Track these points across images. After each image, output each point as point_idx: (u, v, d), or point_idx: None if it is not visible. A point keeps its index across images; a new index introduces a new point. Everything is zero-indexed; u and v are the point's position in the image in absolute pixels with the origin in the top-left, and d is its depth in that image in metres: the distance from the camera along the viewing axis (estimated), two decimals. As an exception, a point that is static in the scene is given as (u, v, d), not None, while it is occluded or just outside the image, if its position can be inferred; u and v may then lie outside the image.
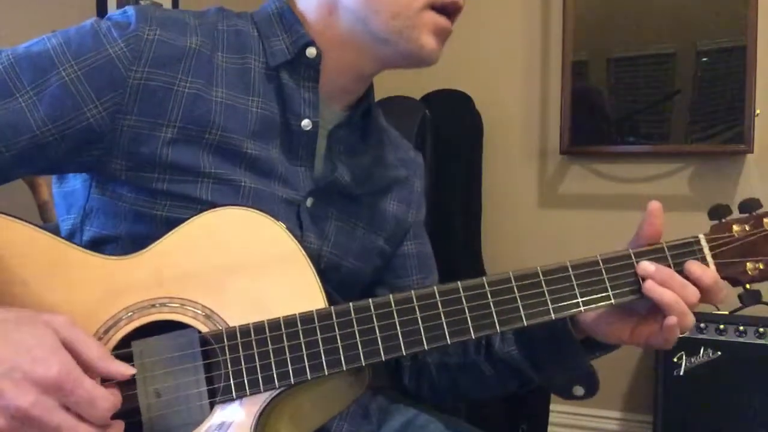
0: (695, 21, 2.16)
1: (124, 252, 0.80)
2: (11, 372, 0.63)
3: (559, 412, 2.34)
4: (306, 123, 0.86)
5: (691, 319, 0.80)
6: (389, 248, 1.00)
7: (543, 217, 2.44)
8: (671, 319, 0.79)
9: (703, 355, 1.92)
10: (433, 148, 2.24)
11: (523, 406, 2.17)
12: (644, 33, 2.22)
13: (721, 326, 1.92)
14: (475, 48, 2.47)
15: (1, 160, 0.76)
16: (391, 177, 1.00)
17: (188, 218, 0.79)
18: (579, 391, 0.90)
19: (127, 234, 0.81)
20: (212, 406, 0.75)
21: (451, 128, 2.35)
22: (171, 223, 0.79)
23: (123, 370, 0.69)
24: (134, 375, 0.71)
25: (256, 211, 0.79)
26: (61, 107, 0.76)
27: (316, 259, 0.87)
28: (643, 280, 0.81)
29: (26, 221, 0.77)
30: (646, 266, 0.81)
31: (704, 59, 2.18)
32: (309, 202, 0.88)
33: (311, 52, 0.86)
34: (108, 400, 0.66)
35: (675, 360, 1.94)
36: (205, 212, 0.78)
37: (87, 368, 0.66)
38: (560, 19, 2.30)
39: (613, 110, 2.33)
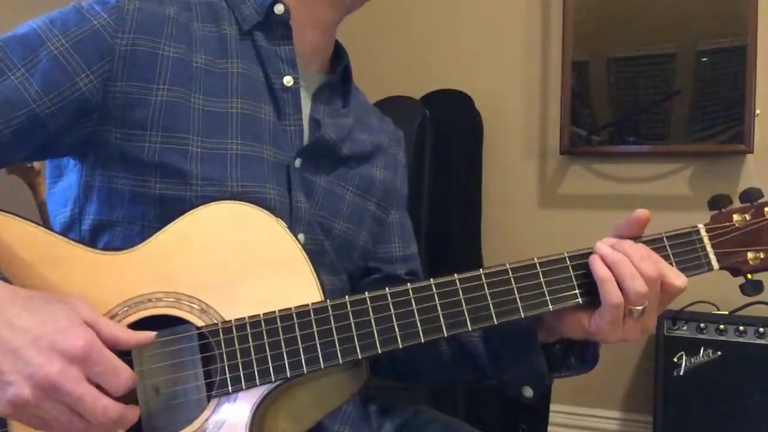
0: (695, 21, 2.16)
1: (124, 239, 0.81)
2: (38, 341, 0.64)
3: (559, 412, 2.34)
4: (288, 80, 0.89)
5: (639, 286, 0.77)
6: (381, 213, 1.02)
7: (543, 217, 2.44)
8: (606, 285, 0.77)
9: (703, 355, 1.92)
10: (433, 148, 2.24)
11: (523, 405, 2.17)
12: (644, 33, 2.22)
13: (721, 326, 1.92)
14: (475, 48, 2.47)
15: (3, 138, 0.77)
16: (374, 143, 1.03)
17: (180, 194, 0.80)
18: (528, 392, 0.88)
19: (124, 218, 0.82)
20: (209, 399, 0.76)
21: (451, 128, 2.35)
22: (164, 202, 0.81)
23: (144, 337, 0.71)
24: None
25: (253, 206, 0.80)
26: (54, 79, 0.78)
27: (307, 219, 0.89)
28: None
29: (23, 217, 0.77)
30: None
31: (704, 59, 2.18)
32: (297, 162, 0.90)
33: (279, 8, 0.89)
34: (128, 372, 0.67)
35: (675, 360, 1.94)
36: (202, 206, 0.79)
37: (110, 343, 0.68)
38: (560, 19, 2.30)
39: (613, 110, 2.32)
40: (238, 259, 0.78)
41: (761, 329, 1.89)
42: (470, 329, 0.78)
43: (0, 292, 0.66)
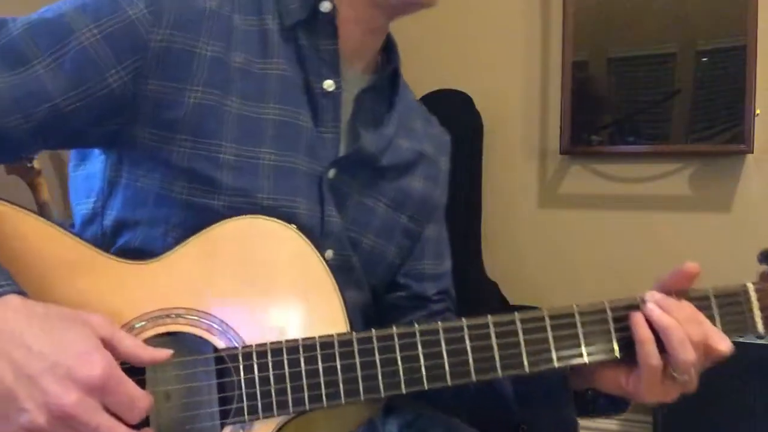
0: (695, 21, 2.16)
1: (145, 240, 0.78)
2: (55, 368, 0.62)
3: (559, 412, 2.34)
4: (329, 84, 0.84)
5: (689, 356, 0.73)
6: (414, 226, 0.97)
7: (543, 217, 2.44)
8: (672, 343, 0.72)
9: (703, 355, 1.92)
10: (433, 148, 2.24)
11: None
12: (644, 33, 2.22)
13: (721, 326, 1.91)
14: (475, 48, 2.47)
15: (20, 132, 0.73)
16: (417, 151, 0.96)
17: (207, 202, 0.76)
18: None
19: (148, 219, 0.78)
20: (223, 426, 0.72)
21: (451, 128, 2.34)
22: (190, 208, 0.77)
23: (161, 354, 0.68)
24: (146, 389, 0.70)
25: (282, 224, 0.75)
26: (82, 74, 0.73)
27: (337, 234, 0.85)
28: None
29: (45, 219, 0.75)
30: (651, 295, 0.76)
31: (704, 59, 2.18)
32: (332, 173, 0.84)
33: (326, 6, 0.83)
34: (145, 400, 0.65)
35: (675, 360, 1.94)
36: (230, 220, 0.75)
37: (127, 360, 0.66)
38: (560, 19, 2.30)
39: (613, 110, 2.33)
40: (263, 280, 0.74)
41: (762, 332, 1.89)
42: (500, 375, 0.73)
43: (17, 311, 0.64)
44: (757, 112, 2.08)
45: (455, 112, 2.40)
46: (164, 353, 0.69)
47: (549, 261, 2.39)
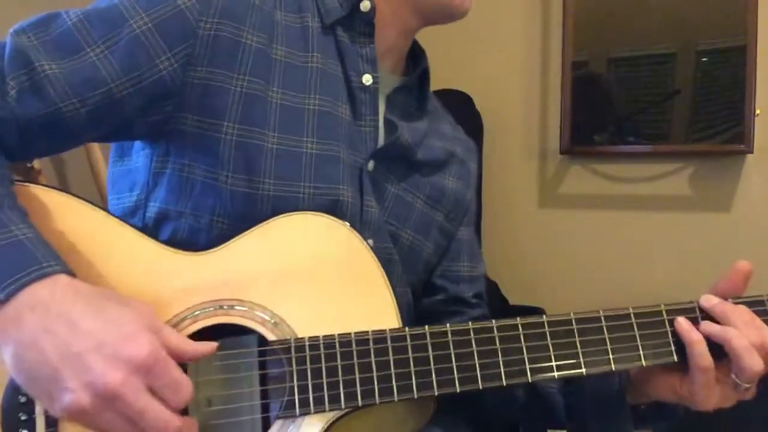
0: (695, 21, 2.16)
1: (191, 231, 0.79)
2: (101, 347, 0.61)
3: (559, 412, 2.34)
4: (367, 78, 0.87)
5: (757, 365, 0.72)
6: (449, 225, 0.98)
7: (543, 217, 2.44)
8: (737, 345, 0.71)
9: (703, 355, 1.91)
10: (433, 148, 2.24)
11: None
12: (644, 33, 2.22)
13: (721, 326, 1.91)
14: (475, 48, 2.47)
15: (77, 117, 0.75)
16: (448, 151, 0.99)
17: (252, 191, 0.77)
18: None
19: (193, 209, 0.79)
20: (264, 421, 0.72)
21: (451, 128, 2.34)
22: (235, 198, 0.78)
23: (206, 348, 0.67)
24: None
25: (337, 221, 0.76)
26: (134, 60, 0.76)
27: (377, 225, 0.86)
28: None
29: (96, 205, 0.76)
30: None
31: (704, 59, 2.18)
32: (371, 165, 0.86)
33: (365, 5, 0.86)
34: (189, 385, 0.64)
35: (675, 360, 1.94)
36: (283, 216, 0.76)
37: (172, 354, 0.65)
38: (560, 19, 2.29)
39: (613, 110, 2.32)
40: (316, 274, 0.74)
41: None
42: (556, 377, 0.73)
43: (65, 289, 0.64)
44: (757, 112, 2.08)
45: (455, 112, 2.39)
46: (210, 346, 0.68)
47: (549, 261, 2.38)
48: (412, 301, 0.95)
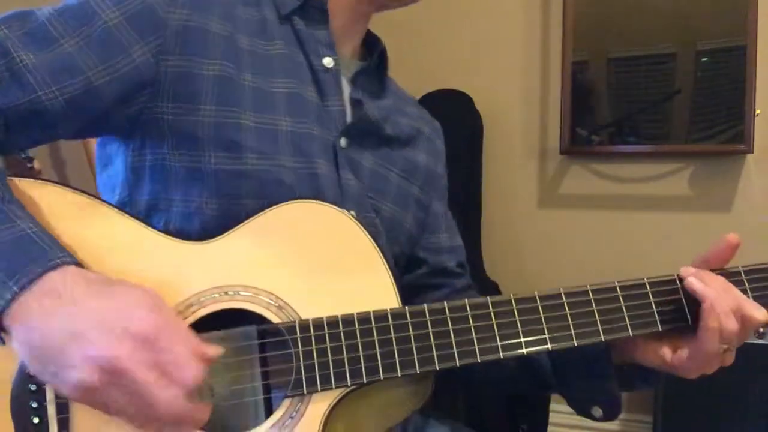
0: (695, 21, 2.16)
1: (183, 218, 0.80)
2: (104, 323, 0.61)
3: (559, 412, 2.33)
4: (328, 61, 0.90)
5: (732, 324, 0.75)
6: (424, 198, 1.01)
7: (543, 217, 2.44)
8: (710, 316, 0.75)
9: (703, 355, 1.92)
10: (433, 148, 2.24)
11: (524, 405, 2.17)
12: (644, 33, 2.22)
13: (721, 326, 1.91)
14: (475, 48, 2.47)
15: (54, 107, 0.76)
16: (415, 128, 1.02)
17: (236, 168, 0.79)
18: (597, 412, 0.87)
19: (181, 196, 0.81)
20: (268, 402, 0.74)
21: (451, 128, 2.34)
22: (220, 178, 0.80)
23: (213, 350, 0.67)
24: None
25: (331, 206, 0.79)
26: (109, 49, 0.78)
27: (357, 197, 0.88)
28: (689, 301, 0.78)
29: (102, 200, 0.78)
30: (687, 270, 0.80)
31: (704, 59, 2.18)
32: (343, 142, 0.89)
33: None
34: (198, 367, 0.63)
35: (675, 360, 1.94)
36: (280, 205, 0.78)
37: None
38: (560, 19, 2.30)
39: (613, 110, 2.33)
40: (317, 259, 0.77)
41: (761, 329, 1.89)
42: (550, 349, 0.77)
43: (74, 276, 0.65)
44: (757, 112, 2.08)
45: (455, 112, 2.40)
46: (215, 351, 0.67)
47: (549, 261, 2.39)
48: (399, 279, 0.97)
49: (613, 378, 0.85)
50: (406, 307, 0.76)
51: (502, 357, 0.76)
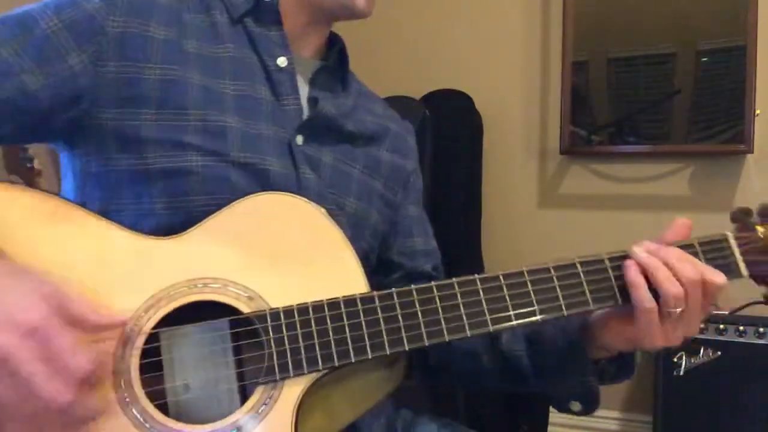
0: (695, 21, 2.16)
1: (136, 218, 0.81)
2: None
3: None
4: (281, 60, 0.91)
5: (675, 289, 0.77)
6: (390, 194, 1.01)
7: (543, 217, 2.44)
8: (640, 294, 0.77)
9: (703, 355, 1.92)
10: (433, 148, 2.24)
11: (524, 406, 2.17)
12: (644, 33, 2.22)
13: (721, 326, 1.92)
14: (475, 48, 2.47)
15: None
16: (382, 125, 1.02)
17: (183, 165, 0.80)
18: (576, 406, 0.89)
19: (132, 198, 0.82)
20: (243, 390, 0.75)
21: (451, 128, 2.35)
22: (168, 176, 0.81)
23: (115, 319, 0.69)
24: (162, 361, 0.72)
25: (296, 197, 0.81)
26: (47, 55, 0.80)
27: (316, 191, 0.89)
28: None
29: (69, 200, 0.78)
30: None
31: (704, 59, 2.18)
32: (299, 139, 0.90)
33: None
34: (87, 354, 0.63)
35: (675, 360, 1.94)
36: (245, 198, 0.80)
37: (79, 322, 0.65)
38: (560, 19, 2.30)
39: (613, 110, 2.33)
40: (284, 249, 0.78)
41: (761, 329, 1.89)
42: (515, 325, 0.79)
43: None
44: (757, 112, 2.08)
45: (455, 112, 2.40)
46: (119, 318, 0.70)
47: (549, 261, 2.38)
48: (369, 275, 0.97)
49: (589, 372, 0.87)
50: (375, 292, 0.78)
51: (491, 330, 0.78)
